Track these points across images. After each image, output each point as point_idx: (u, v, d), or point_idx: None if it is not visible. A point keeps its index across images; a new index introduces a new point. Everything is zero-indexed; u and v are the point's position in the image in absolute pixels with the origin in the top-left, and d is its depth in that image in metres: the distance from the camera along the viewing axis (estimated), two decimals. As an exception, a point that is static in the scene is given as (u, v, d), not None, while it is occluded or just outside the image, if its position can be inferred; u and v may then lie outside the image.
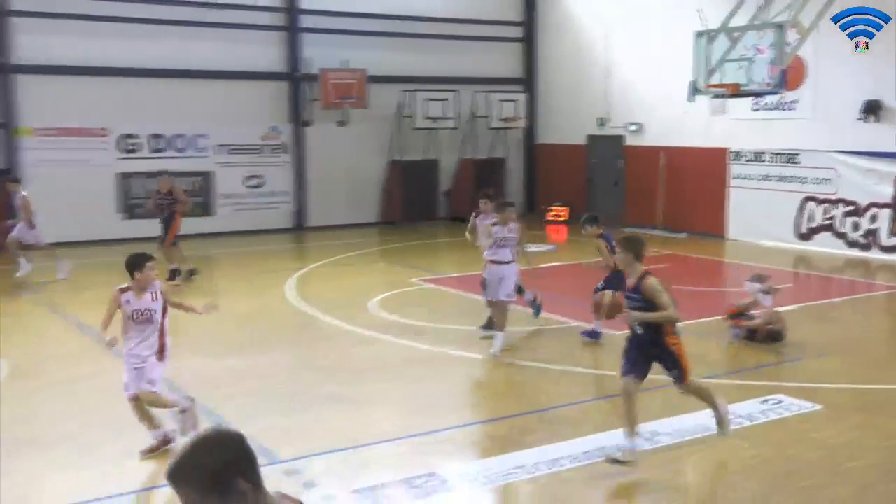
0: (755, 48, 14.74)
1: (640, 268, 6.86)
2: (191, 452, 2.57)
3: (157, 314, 7.22)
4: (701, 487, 6.62)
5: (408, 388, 9.01)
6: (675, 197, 20.82)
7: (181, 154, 20.36)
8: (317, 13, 21.36)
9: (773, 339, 10.36)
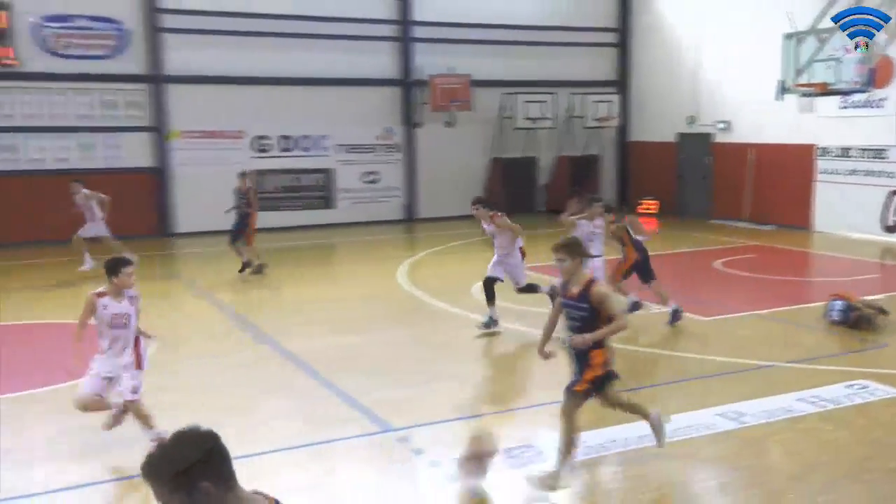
0: (843, 48, 14.07)
1: (585, 274, 5.98)
2: (163, 450, 2.52)
3: (133, 319, 6.71)
4: (785, 467, 6.38)
5: (506, 366, 9.02)
6: (762, 191, 20.08)
7: (306, 153, 20.88)
8: (427, 24, 21.48)
9: (867, 323, 9.89)
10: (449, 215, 22.08)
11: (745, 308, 11.46)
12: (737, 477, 6.13)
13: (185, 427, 2.57)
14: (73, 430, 7.04)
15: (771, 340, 9.95)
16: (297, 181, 20.89)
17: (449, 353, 9.59)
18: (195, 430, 2.59)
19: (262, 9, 19.68)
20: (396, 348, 10.00)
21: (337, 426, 7.24)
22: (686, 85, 22.01)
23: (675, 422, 7.10)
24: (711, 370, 8.74)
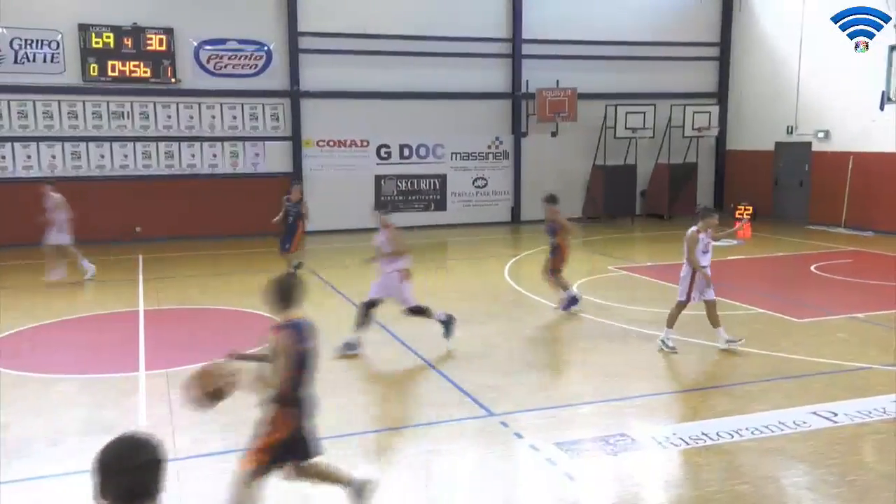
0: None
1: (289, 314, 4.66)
2: (104, 452, 2.39)
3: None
4: (878, 467, 5.93)
5: (603, 359, 8.80)
6: (861, 198, 18.83)
7: (423, 160, 21.13)
8: (535, 42, 21.31)
9: None
10: (552, 218, 21.86)
11: (843, 311, 10.77)
12: (829, 473, 5.74)
13: (126, 436, 2.44)
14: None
15: (868, 343, 9.31)
16: (414, 185, 21.16)
17: (548, 344, 9.48)
18: (137, 440, 2.44)
19: (386, 30, 20.05)
20: (500, 338, 9.95)
21: (444, 408, 7.26)
22: (786, 95, 20.94)
23: (766, 418, 6.75)
24: (806, 370, 8.25)
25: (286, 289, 4.62)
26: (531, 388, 7.81)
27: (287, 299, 4.62)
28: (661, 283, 13.13)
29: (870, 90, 15.49)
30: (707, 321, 9.07)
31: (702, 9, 22.80)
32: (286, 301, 4.62)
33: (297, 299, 4.65)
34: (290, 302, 4.63)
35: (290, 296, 4.63)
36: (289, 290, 4.61)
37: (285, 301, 4.62)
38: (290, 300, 4.63)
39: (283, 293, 4.61)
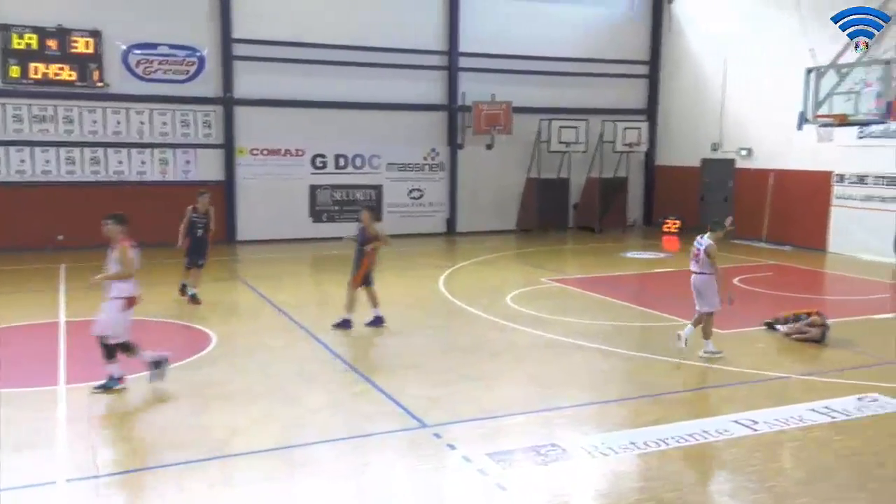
0: (863, 82, 13.72)
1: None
2: None
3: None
4: (795, 472, 6.18)
5: (535, 370, 8.91)
6: (781, 214, 19.65)
7: (358, 170, 21.04)
8: (471, 55, 21.54)
9: (814, 341, 9.89)
10: (486, 230, 22.12)
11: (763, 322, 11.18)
12: (748, 480, 5.94)
13: None
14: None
15: (786, 353, 9.70)
16: (349, 195, 21.04)
17: (481, 355, 9.51)
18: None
19: (322, 39, 19.93)
20: (434, 349, 9.96)
21: (376, 420, 7.22)
22: (711, 113, 21.71)
23: (691, 426, 6.95)
24: (728, 380, 8.53)
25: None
26: (464, 399, 7.84)
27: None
28: (592, 294, 13.39)
29: (788, 110, 16.22)
30: (643, 333, 9.27)
31: (632, 28, 23.47)
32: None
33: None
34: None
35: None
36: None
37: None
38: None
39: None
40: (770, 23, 19.54)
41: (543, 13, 22.22)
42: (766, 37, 19.64)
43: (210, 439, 6.67)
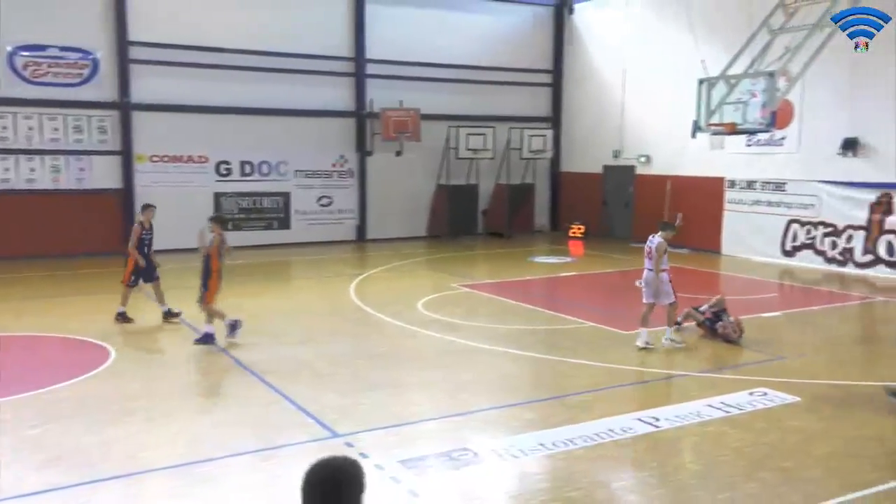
0: (750, 93, 14.48)
1: None
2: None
3: None
4: (692, 466, 6.50)
5: (446, 375, 9.00)
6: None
7: (265, 177, 20.68)
8: (378, 62, 21.57)
9: (728, 341, 10.40)
10: (397, 236, 22.17)
11: (663, 323, 11.65)
12: (650, 475, 6.21)
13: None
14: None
15: (686, 352, 10.16)
16: (256, 203, 20.65)
17: (392, 362, 9.54)
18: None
19: (225, 44, 19.51)
20: (344, 357, 9.91)
21: (286, 432, 7.13)
22: (612, 122, 22.52)
23: (598, 426, 7.20)
24: (632, 379, 8.88)
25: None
26: (376, 407, 7.84)
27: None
28: (501, 299, 13.64)
29: (683, 119, 17.00)
30: (551, 336, 9.50)
31: (536, 38, 24.08)
32: None
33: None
34: None
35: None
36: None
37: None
38: None
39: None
40: (664, 35, 20.47)
41: (449, 22, 22.50)
42: (662, 48, 20.56)
43: (113, 458, 6.43)
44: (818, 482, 6.02)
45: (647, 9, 21.31)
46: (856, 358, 10.09)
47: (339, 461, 2.45)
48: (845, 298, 14.32)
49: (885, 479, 6.05)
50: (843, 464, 6.39)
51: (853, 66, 15.98)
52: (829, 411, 7.73)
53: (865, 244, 16.39)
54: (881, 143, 16.05)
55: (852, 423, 7.39)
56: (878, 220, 16.13)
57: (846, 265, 16.70)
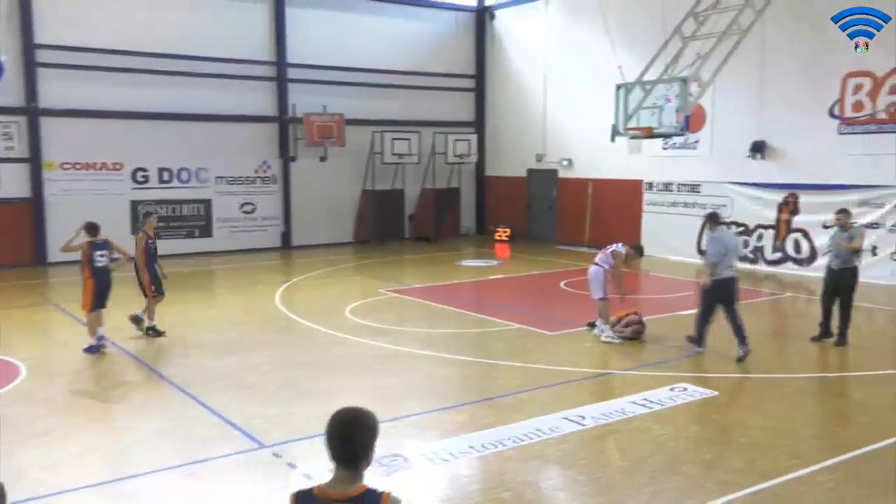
0: (665, 98, 14.92)
1: None
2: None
3: None
4: (618, 462, 6.66)
5: (376, 381, 8.96)
6: (600, 219, 21.07)
7: (185, 184, 20.13)
8: (300, 66, 21.32)
9: (631, 339, 10.78)
10: (322, 243, 21.95)
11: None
12: (578, 473, 6.33)
13: None
14: None
15: (609, 351, 10.40)
16: (176, 211, 20.07)
17: (320, 370, 9.43)
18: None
19: (140, 47, 18.92)
20: (271, 366, 9.74)
21: (212, 444, 6.95)
22: (535, 126, 22.90)
23: (526, 426, 7.29)
24: (558, 379, 9.03)
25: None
26: (304, 416, 7.72)
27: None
28: (429, 303, 13.66)
29: (603, 123, 17.43)
30: (480, 339, 9.53)
31: (458, 43, 24.27)
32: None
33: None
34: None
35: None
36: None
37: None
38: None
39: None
40: (583, 40, 20.96)
41: (372, 27, 22.45)
42: (580, 53, 21.05)
43: (27, 480, 6.12)
44: (738, 472, 6.25)
45: (566, 15, 21.78)
46: (768, 352, 10.54)
47: (355, 409, 2.92)
48: (757, 295, 14.94)
49: (798, 466, 6.34)
50: (760, 453, 6.66)
51: (761, 72, 16.74)
52: (745, 403, 8.05)
53: (774, 243, 17.17)
54: (787, 145, 16.85)
55: (767, 414, 7.71)
56: (786, 220, 16.92)
57: (757, 263, 17.45)
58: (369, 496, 2.80)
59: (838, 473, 6.23)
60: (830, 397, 8.75)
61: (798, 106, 16.42)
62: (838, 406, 8.47)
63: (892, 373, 9.25)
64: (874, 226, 15.11)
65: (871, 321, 12.39)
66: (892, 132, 15.04)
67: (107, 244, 10.42)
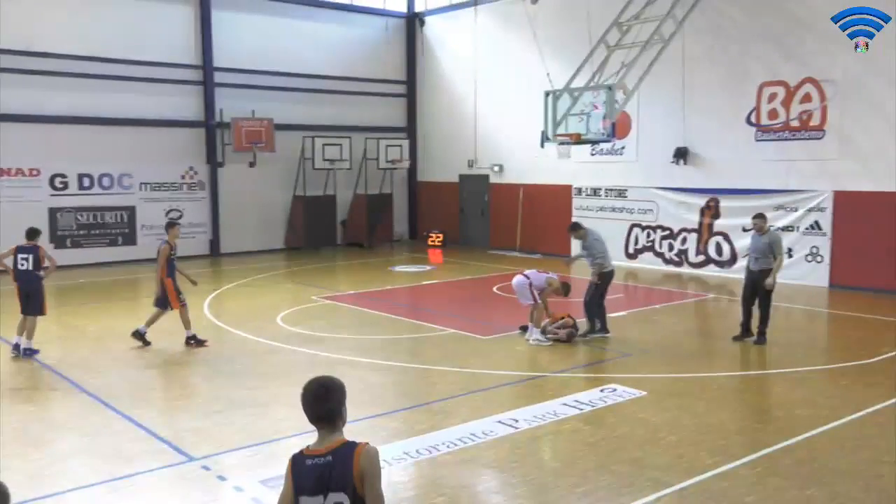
0: (592, 105, 15.23)
1: None
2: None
3: None
4: (550, 464, 6.75)
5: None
6: (531, 224, 21.36)
7: (107, 191, 19.46)
8: (227, 70, 20.92)
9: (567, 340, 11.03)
10: (253, 249, 21.56)
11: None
12: (511, 476, 6.39)
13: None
14: None
15: (540, 354, 10.54)
16: (97, 218, 19.39)
17: (252, 380, 9.25)
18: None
19: (58, 49, 18.24)
20: (200, 378, 9.50)
21: (138, 459, 6.73)
22: (467, 132, 23.06)
23: (460, 431, 7.31)
24: (492, 383, 9.09)
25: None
26: (235, 427, 7.56)
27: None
28: (363, 309, 13.58)
29: (533, 129, 17.68)
30: (414, 345, 9.50)
31: (389, 48, 24.26)
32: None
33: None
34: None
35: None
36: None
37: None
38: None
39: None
40: (512, 47, 21.24)
41: (302, 31, 22.23)
42: (510, 60, 21.33)
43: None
44: (665, 469, 6.42)
45: (495, 22, 22.03)
46: (693, 352, 10.88)
47: (325, 376, 3.39)
48: (682, 297, 15.42)
49: (722, 462, 6.56)
50: (687, 451, 6.86)
51: (683, 81, 17.29)
52: (673, 403, 8.28)
53: (698, 246, 17.75)
54: (708, 152, 17.45)
55: (693, 412, 7.96)
56: (708, 224, 17.52)
57: (682, 265, 18.00)
58: (347, 447, 3.20)
59: (760, 467, 6.47)
60: (751, 395, 9.09)
61: (718, 114, 17.04)
62: (759, 403, 8.81)
63: (809, 369, 9.68)
64: (789, 229, 15.80)
65: (789, 320, 12.94)
66: (803, 139, 15.76)
67: (34, 249, 10.26)
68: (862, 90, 14.80)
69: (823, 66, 15.26)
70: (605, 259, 11.45)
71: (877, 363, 9.86)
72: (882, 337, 11.29)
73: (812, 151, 15.61)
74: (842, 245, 15.33)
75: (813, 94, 15.52)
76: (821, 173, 15.52)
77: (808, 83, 15.55)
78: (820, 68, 15.32)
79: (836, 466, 6.49)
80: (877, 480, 6.22)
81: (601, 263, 11.39)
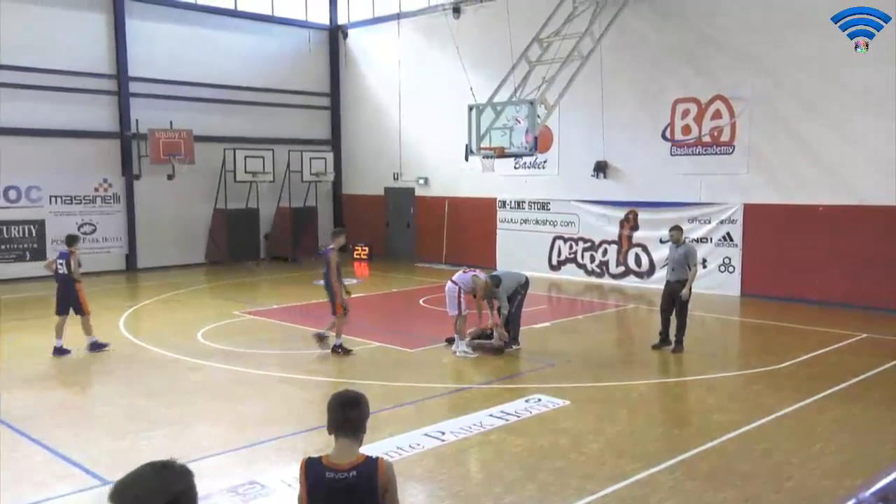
0: (515, 119, 15.48)
1: None
2: (143, 480, 2.21)
3: None
4: (477, 475, 6.80)
5: (231, 407, 8.64)
6: (456, 237, 21.52)
7: (14, 204, 18.60)
8: (143, 80, 20.36)
9: (497, 352, 11.16)
10: (172, 264, 20.96)
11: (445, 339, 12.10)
12: (439, 488, 6.40)
13: (163, 461, 2.28)
14: None
15: (466, 366, 10.62)
16: (4, 233, 18.50)
17: (172, 398, 8.97)
18: (175, 464, 2.29)
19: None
20: (117, 397, 9.15)
21: (47, 485, 6.43)
22: (391, 145, 23.08)
23: (385, 446, 7.29)
24: (419, 395, 9.10)
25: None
26: (155, 448, 7.31)
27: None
28: (287, 324, 13.38)
29: (457, 142, 17.86)
30: (340, 358, 9.39)
31: (312, 60, 24.09)
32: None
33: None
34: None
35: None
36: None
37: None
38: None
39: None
40: (436, 61, 21.41)
41: (222, 42, 21.86)
42: (434, 74, 21.49)
43: None
44: (588, 477, 6.56)
45: (418, 36, 22.18)
46: (615, 360, 11.17)
47: (354, 390, 3.43)
48: (604, 307, 15.81)
49: (643, 468, 6.75)
50: (609, 458, 7.03)
51: (602, 97, 17.79)
52: (595, 411, 8.47)
53: (618, 257, 18.25)
54: (626, 165, 18.00)
55: (614, 420, 8.16)
56: (627, 235, 18.04)
57: (603, 276, 18.46)
58: (369, 463, 3.23)
59: (678, 472, 6.68)
60: (670, 401, 9.39)
61: (635, 129, 17.60)
62: (677, 409, 9.11)
63: (723, 376, 10.07)
64: (703, 240, 16.43)
65: (705, 328, 13.43)
66: (715, 154, 16.45)
67: (68, 254, 11.33)
68: (769, 107, 15.57)
69: (732, 84, 15.99)
70: (503, 302, 11.31)
71: (785, 368, 10.34)
72: (790, 343, 11.86)
73: (723, 165, 16.30)
74: (752, 256, 16.04)
75: (723, 111, 16.24)
76: (732, 187, 16.22)
77: (719, 100, 16.26)
78: (729, 85, 16.05)
79: (749, 469, 6.76)
80: (787, 482, 6.52)
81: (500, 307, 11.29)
